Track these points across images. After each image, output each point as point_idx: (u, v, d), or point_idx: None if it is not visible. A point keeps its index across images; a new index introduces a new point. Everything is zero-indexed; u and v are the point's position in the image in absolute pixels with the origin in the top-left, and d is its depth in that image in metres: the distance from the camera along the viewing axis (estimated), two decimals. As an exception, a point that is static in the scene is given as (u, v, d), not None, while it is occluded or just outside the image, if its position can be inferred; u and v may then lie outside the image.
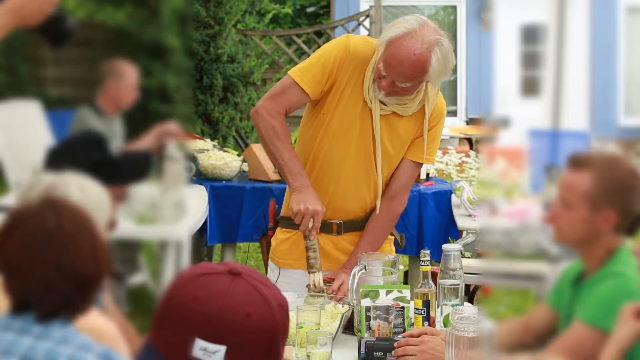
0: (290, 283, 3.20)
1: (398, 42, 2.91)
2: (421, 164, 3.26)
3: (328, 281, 3.11)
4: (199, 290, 1.59)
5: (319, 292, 3.04)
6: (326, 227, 3.19)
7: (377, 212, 3.20)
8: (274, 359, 1.62)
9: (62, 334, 1.94)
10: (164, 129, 3.61)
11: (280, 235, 3.31)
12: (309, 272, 3.06)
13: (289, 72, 3.11)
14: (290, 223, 3.24)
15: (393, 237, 3.38)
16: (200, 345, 1.56)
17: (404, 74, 2.93)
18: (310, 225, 3.02)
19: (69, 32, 2.45)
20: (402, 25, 2.93)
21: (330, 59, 3.05)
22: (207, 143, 5.96)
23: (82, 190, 2.33)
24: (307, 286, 3.09)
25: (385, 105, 3.07)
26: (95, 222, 2.05)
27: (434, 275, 2.90)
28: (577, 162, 2.18)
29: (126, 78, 3.88)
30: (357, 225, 3.23)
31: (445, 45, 2.93)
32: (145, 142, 3.60)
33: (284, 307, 1.65)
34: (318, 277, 3.04)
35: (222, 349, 1.56)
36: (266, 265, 3.50)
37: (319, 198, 3.05)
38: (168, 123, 3.69)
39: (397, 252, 3.43)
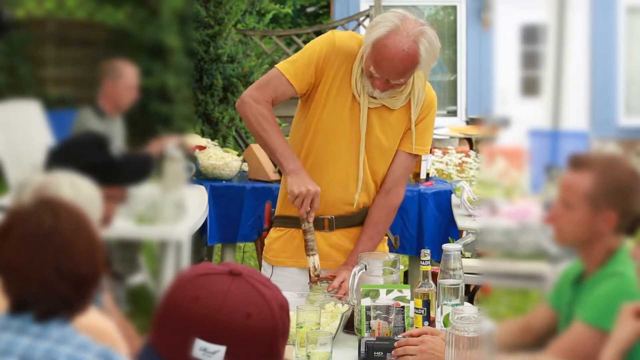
0: (283, 282, 3.18)
1: (384, 41, 2.93)
2: (416, 156, 3.25)
3: (329, 278, 3.11)
4: (199, 290, 1.59)
5: (317, 275, 3.04)
6: (318, 224, 3.18)
7: (355, 204, 3.20)
8: (274, 359, 1.62)
9: (61, 333, 1.94)
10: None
11: (273, 234, 3.31)
12: (308, 255, 3.07)
13: (276, 64, 3.14)
14: (284, 221, 3.25)
15: (387, 238, 3.38)
16: (200, 346, 1.56)
17: (396, 71, 2.95)
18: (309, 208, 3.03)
19: (4, 25, 2.45)
20: (384, 24, 2.95)
21: (315, 53, 3.08)
22: (208, 144, 5.97)
23: (74, 188, 2.33)
24: (309, 284, 3.10)
25: (375, 98, 3.08)
26: (91, 220, 2.05)
27: (434, 275, 2.90)
28: (577, 162, 2.18)
29: (124, 78, 3.89)
30: (348, 221, 3.23)
31: (429, 32, 2.96)
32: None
33: (284, 307, 1.65)
34: (317, 260, 3.06)
35: (222, 349, 1.56)
36: (261, 267, 3.50)
37: (312, 179, 3.06)
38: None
39: (396, 251, 3.43)
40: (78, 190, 2.33)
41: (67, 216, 2.00)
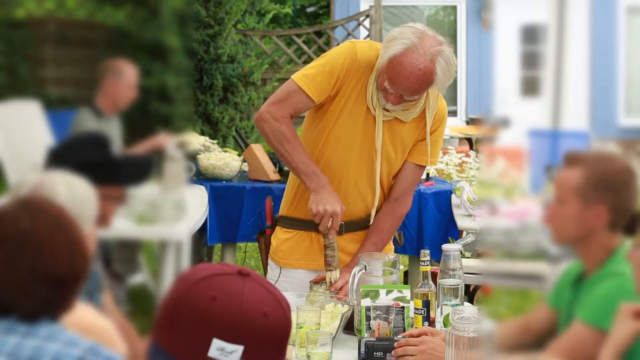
0: (291, 283, 3.21)
1: (400, 59, 2.91)
2: (424, 166, 3.26)
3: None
4: (215, 291, 1.59)
5: (335, 290, 3.06)
6: None
7: (372, 221, 3.22)
8: (283, 357, 1.64)
9: (49, 331, 1.94)
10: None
11: (281, 235, 3.31)
12: (326, 270, 3.08)
13: (293, 77, 3.10)
14: (290, 223, 3.25)
15: (391, 239, 3.39)
16: (217, 345, 1.57)
17: (411, 89, 2.95)
18: (329, 224, 3.04)
19: None
20: (401, 41, 2.92)
21: (337, 66, 3.05)
22: (206, 142, 5.97)
23: (70, 187, 2.32)
24: (312, 282, 3.11)
25: (388, 111, 3.08)
26: (72, 220, 2.03)
27: (434, 275, 2.90)
28: (571, 159, 2.18)
29: (125, 77, 3.89)
30: (358, 225, 3.24)
31: (446, 52, 2.94)
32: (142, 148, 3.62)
33: (289, 307, 1.68)
34: (335, 275, 3.07)
35: (239, 348, 1.57)
36: (265, 264, 3.51)
37: (337, 196, 3.07)
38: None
39: (397, 251, 3.44)
40: (74, 189, 2.33)
41: (44, 217, 1.97)
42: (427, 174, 5.57)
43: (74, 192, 2.32)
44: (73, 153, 2.66)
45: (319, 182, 3.07)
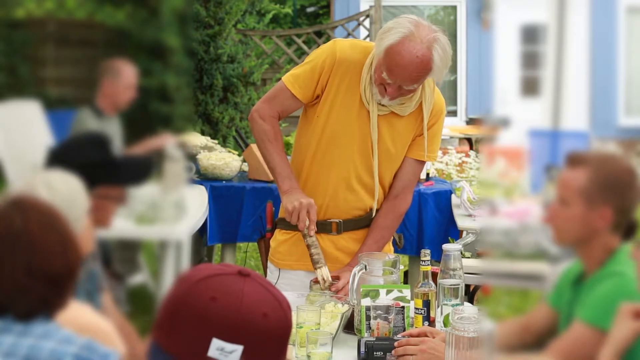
0: (291, 284, 3.21)
1: (397, 48, 2.92)
2: (423, 162, 3.26)
3: (333, 278, 3.12)
4: (215, 291, 1.60)
5: (329, 287, 3.05)
6: (325, 227, 3.20)
7: (374, 214, 3.22)
8: (283, 357, 1.65)
9: (44, 329, 1.95)
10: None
11: (279, 237, 3.31)
12: (315, 269, 3.07)
13: (282, 77, 3.18)
14: (288, 224, 3.25)
15: (392, 237, 3.39)
16: (217, 345, 1.57)
17: (410, 78, 2.95)
18: (307, 222, 3.04)
19: None
20: (397, 30, 2.94)
21: (318, 65, 3.10)
22: (208, 141, 5.98)
23: (49, 188, 2.32)
24: (312, 281, 3.10)
25: (384, 105, 3.08)
26: (64, 218, 2.04)
27: (434, 275, 2.90)
28: (574, 159, 2.18)
29: (123, 77, 3.89)
30: (356, 224, 3.24)
31: (442, 39, 2.96)
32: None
33: (290, 307, 1.68)
34: (325, 272, 3.06)
35: (239, 348, 1.58)
36: (265, 268, 3.50)
37: (307, 196, 3.10)
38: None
39: (396, 251, 3.44)
40: (54, 189, 2.33)
41: (36, 215, 1.99)
42: (427, 174, 5.57)
43: (54, 192, 2.31)
44: (73, 153, 2.67)
45: (291, 185, 3.12)
